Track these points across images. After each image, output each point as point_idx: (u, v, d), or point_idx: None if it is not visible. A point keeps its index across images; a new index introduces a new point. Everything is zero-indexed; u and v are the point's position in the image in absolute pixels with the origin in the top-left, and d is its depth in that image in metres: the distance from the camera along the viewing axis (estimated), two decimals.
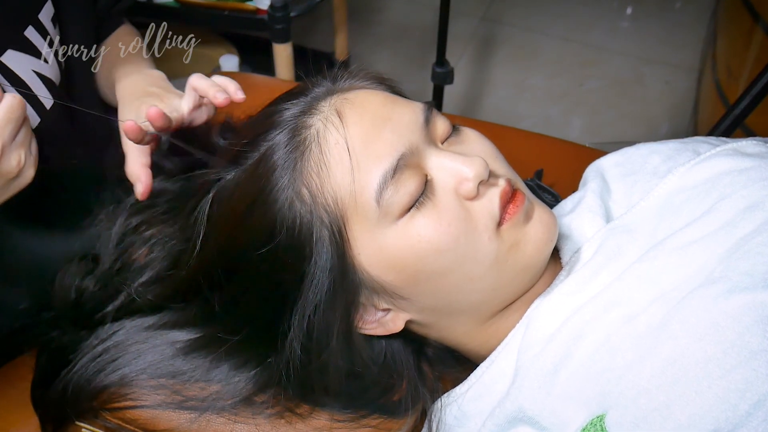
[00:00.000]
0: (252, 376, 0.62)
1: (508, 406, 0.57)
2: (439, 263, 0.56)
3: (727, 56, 1.49)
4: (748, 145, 0.65)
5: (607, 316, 0.55)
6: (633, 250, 0.60)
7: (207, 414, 0.62)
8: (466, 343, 0.64)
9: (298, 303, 0.57)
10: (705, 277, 0.53)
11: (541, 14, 2.13)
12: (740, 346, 0.48)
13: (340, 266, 0.57)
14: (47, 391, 0.64)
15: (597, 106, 1.87)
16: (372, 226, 0.56)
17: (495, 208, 0.57)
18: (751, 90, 0.96)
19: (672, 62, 1.96)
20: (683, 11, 2.12)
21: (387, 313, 0.61)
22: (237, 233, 0.59)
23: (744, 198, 0.57)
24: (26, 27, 0.72)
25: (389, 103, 0.59)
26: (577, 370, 0.54)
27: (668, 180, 0.64)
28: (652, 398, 0.50)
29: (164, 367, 0.63)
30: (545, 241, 0.59)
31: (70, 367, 0.64)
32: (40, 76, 0.73)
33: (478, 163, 0.57)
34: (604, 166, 0.71)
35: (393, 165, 0.55)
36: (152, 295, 0.66)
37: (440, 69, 1.45)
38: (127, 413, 0.62)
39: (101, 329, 0.66)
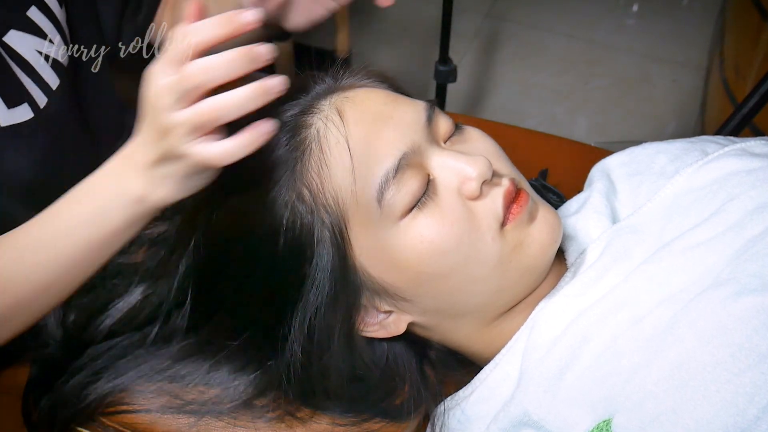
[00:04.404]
0: (252, 379, 0.61)
1: (513, 409, 0.57)
2: (442, 264, 0.56)
3: (735, 54, 1.49)
4: (757, 144, 0.65)
5: (614, 319, 0.55)
6: (640, 251, 0.59)
7: (206, 418, 0.61)
8: (470, 345, 0.63)
9: (299, 305, 0.57)
10: (713, 279, 0.53)
11: (546, 11, 2.13)
12: (749, 349, 0.48)
13: (342, 268, 0.56)
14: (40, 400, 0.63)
15: (603, 104, 1.86)
16: (373, 227, 0.56)
17: (498, 208, 0.57)
18: (760, 89, 0.96)
19: (679, 60, 1.95)
20: (690, 9, 2.11)
21: (389, 316, 0.60)
22: (236, 234, 0.59)
23: (752, 199, 0.57)
24: (29, 7, 0.71)
25: (391, 101, 0.58)
26: (582, 373, 0.54)
27: (675, 180, 0.63)
28: (659, 402, 0.49)
29: (163, 370, 0.63)
30: (549, 241, 0.59)
31: (65, 378, 0.63)
32: (46, 57, 0.72)
33: (482, 162, 0.56)
34: (610, 165, 0.71)
35: (395, 164, 0.55)
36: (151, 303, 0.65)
37: (443, 67, 1.44)
38: (126, 418, 0.62)
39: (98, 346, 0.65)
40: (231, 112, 0.47)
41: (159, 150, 0.51)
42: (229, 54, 0.46)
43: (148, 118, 0.51)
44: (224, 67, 0.46)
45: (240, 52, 0.46)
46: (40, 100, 0.71)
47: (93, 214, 0.55)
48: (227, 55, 0.46)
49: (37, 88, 0.71)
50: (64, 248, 0.55)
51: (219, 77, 0.46)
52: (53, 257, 0.56)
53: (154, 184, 0.53)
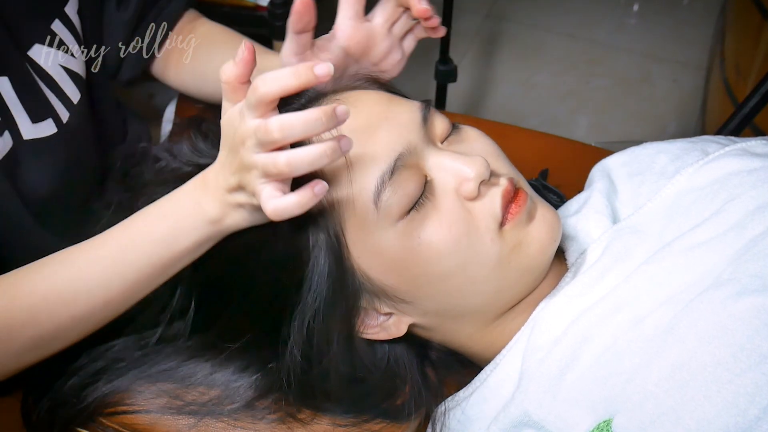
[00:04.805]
0: (253, 381, 0.61)
1: (513, 410, 0.57)
2: (441, 266, 0.56)
3: (736, 54, 1.48)
4: (757, 144, 0.65)
5: (614, 319, 0.55)
6: (640, 251, 0.59)
7: (206, 419, 0.61)
8: (471, 346, 0.63)
9: (297, 309, 0.57)
10: (714, 280, 0.53)
11: (546, 11, 2.12)
12: (750, 349, 0.48)
13: (339, 271, 0.56)
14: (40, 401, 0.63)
15: (603, 104, 1.86)
16: (371, 229, 0.55)
17: (497, 209, 0.57)
18: (760, 88, 0.96)
19: (680, 60, 1.95)
20: (691, 8, 2.10)
21: (389, 317, 0.60)
22: (232, 239, 0.58)
23: (753, 199, 0.57)
24: (53, 20, 0.71)
25: (385, 102, 0.58)
26: (583, 373, 0.54)
27: (676, 180, 0.63)
28: (659, 403, 0.49)
29: (163, 371, 0.63)
30: (549, 241, 0.59)
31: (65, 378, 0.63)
32: (68, 71, 0.72)
33: (479, 162, 0.56)
34: (610, 165, 0.70)
35: (390, 166, 0.55)
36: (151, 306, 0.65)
37: (444, 67, 1.44)
38: (125, 418, 0.62)
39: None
40: (302, 168, 0.49)
41: (235, 180, 0.52)
42: (309, 114, 0.47)
43: (231, 150, 0.52)
44: (301, 128, 0.48)
45: (320, 112, 0.47)
46: (63, 115, 0.71)
47: (167, 232, 0.56)
48: (306, 115, 0.48)
49: (60, 103, 0.71)
50: (132, 264, 0.56)
51: (295, 136, 0.48)
52: (120, 272, 0.56)
53: (228, 208, 0.54)
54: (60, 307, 0.56)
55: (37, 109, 0.68)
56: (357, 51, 0.67)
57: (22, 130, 0.67)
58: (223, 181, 0.53)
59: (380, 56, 0.69)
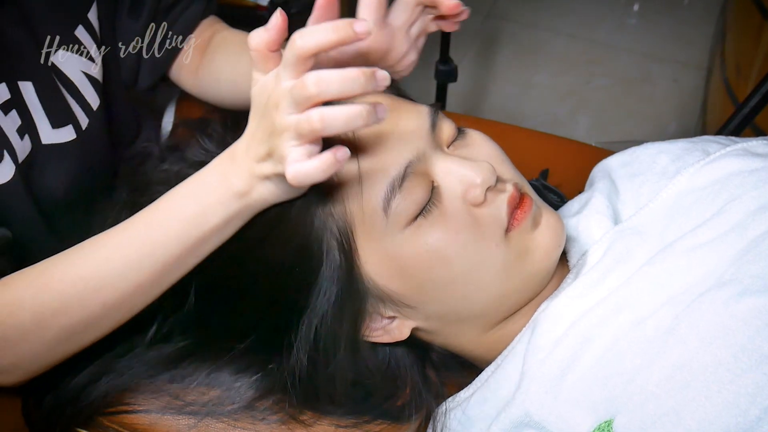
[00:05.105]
0: (254, 381, 0.61)
1: (514, 410, 0.57)
2: (447, 272, 0.56)
3: (736, 54, 1.48)
4: (758, 144, 0.65)
5: (615, 320, 0.55)
6: (642, 252, 0.59)
7: (207, 419, 0.61)
8: (472, 349, 0.63)
9: (305, 313, 0.57)
10: (715, 280, 0.53)
11: (547, 11, 2.12)
12: (751, 350, 0.48)
13: (349, 276, 0.56)
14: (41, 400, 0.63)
15: (604, 104, 1.86)
16: (379, 235, 0.55)
17: (503, 215, 0.57)
18: (761, 88, 0.96)
19: (680, 60, 1.95)
20: (691, 8, 2.10)
21: (392, 321, 0.60)
22: (245, 242, 0.58)
23: (754, 199, 0.57)
24: (77, 26, 0.70)
25: (395, 108, 0.58)
26: (584, 374, 0.54)
27: (677, 181, 0.63)
28: (660, 403, 0.49)
29: (163, 371, 0.63)
30: (553, 246, 0.59)
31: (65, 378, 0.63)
32: (88, 77, 0.72)
33: (486, 168, 0.56)
34: (611, 166, 0.70)
35: (400, 173, 0.55)
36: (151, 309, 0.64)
37: (444, 67, 1.44)
38: (126, 418, 0.62)
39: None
40: (336, 127, 0.47)
41: (265, 148, 0.50)
42: (347, 72, 0.46)
43: (261, 116, 0.51)
44: (338, 85, 0.46)
45: (359, 72, 0.46)
46: (83, 122, 0.71)
47: (196, 209, 0.54)
48: (345, 73, 0.46)
49: (80, 110, 0.71)
50: (162, 245, 0.54)
51: (332, 94, 0.46)
52: (149, 254, 0.54)
53: (255, 180, 0.53)
54: (90, 294, 0.55)
55: (58, 115, 0.68)
56: (377, 56, 0.66)
57: (41, 134, 0.67)
58: (253, 151, 0.52)
59: (398, 58, 0.68)
